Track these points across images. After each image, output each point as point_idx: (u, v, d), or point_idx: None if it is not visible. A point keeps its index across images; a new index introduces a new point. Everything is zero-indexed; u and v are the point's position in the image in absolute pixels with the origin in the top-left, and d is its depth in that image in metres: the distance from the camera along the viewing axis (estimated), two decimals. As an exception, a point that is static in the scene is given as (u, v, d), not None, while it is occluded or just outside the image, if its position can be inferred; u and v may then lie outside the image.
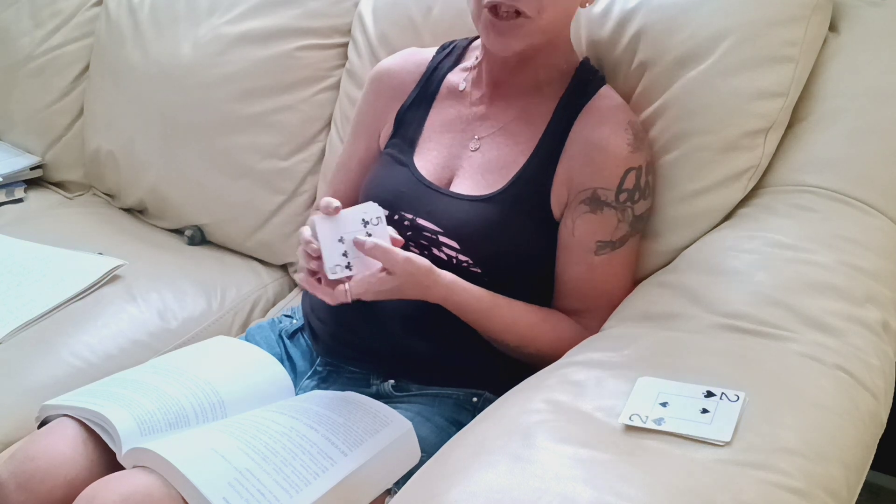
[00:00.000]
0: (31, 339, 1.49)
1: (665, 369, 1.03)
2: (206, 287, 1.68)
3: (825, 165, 1.27)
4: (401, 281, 1.13)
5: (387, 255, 1.11)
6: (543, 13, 1.18)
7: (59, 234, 1.79)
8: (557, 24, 1.24)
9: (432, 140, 1.34)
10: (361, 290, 1.12)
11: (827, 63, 1.33)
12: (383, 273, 1.12)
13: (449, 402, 1.25)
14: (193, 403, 1.17)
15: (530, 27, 1.19)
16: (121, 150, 1.90)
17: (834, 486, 0.91)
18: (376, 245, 1.11)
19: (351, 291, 1.12)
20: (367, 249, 1.11)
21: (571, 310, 1.28)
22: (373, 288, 1.13)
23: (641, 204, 1.26)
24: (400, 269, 1.12)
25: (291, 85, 1.73)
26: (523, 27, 1.19)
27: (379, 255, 1.11)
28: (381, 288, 1.13)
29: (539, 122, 1.28)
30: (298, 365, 1.34)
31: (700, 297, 1.15)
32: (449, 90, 1.36)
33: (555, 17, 1.20)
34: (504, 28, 1.19)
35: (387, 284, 1.13)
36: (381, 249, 1.11)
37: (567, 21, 1.27)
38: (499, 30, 1.20)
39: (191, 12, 1.82)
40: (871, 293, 1.13)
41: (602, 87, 1.30)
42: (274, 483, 1.01)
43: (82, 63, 2.01)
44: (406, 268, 1.13)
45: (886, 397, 1.08)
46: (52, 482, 1.08)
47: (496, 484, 0.89)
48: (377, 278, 1.12)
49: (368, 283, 1.12)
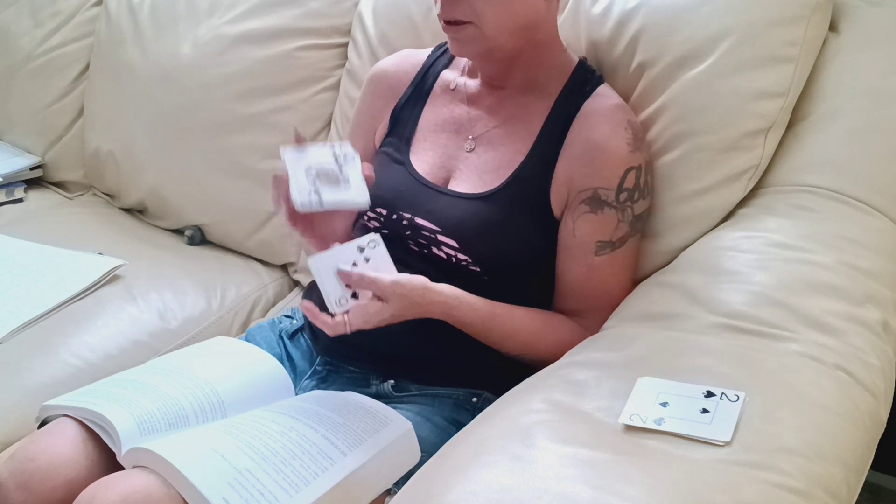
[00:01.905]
0: (31, 339, 1.49)
1: (665, 369, 1.04)
2: (206, 287, 1.68)
3: (825, 165, 1.27)
4: (397, 306, 1.14)
5: (373, 284, 1.12)
6: (483, 17, 1.19)
7: (59, 234, 1.79)
8: (511, 25, 1.22)
9: (428, 139, 1.34)
10: (361, 321, 1.14)
11: (827, 63, 1.33)
12: (376, 301, 1.13)
13: (449, 402, 1.25)
14: (193, 403, 1.17)
15: (476, 32, 1.21)
16: (121, 150, 1.90)
17: (834, 486, 0.91)
18: (362, 276, 1.12)
19: (350, 323, 1.13)
20: (354, 281, 1.12)
21: (571, 310, 1.28)
22: (372, 319, 1.14)
23: (641, 203, 1.26)
24: (390, 293, 1.13)
25: (291, 85, 1.73)
26: (469, 32, 1.21)
27: (366, 286, 1.12)
28: (381, 317, 1.14)
29: (535, 120, 1.28)
30: (298, 365, 1.34)
31: (700, 297, 1.15)
32: (443, 88, 1.36)
33: (499, 20, 1.20)
34: (456, 36, 1.23)
35: (385, 313, 1.14)
36: (367, 280, 1.12)
37: (529, 20, 1.24)
38: (452, 37, 1.24)
39: (191, 12, 1.82)
40: (871, 293, 1.13)
41: (600, 86, 1.30)
42: (273, 483, 1.01)
43: (82, 63, 2.01)
44: (396, 291, 1.13)
45: (886, 397, 1.08)
46: (52, 482, 1.08)
47: (496, 484, 0.89)
48: (374, 308, 1.13)
49: (367, 313, 1.13)
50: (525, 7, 1.22)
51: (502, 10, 1.20)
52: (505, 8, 1.20)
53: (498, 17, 1.20)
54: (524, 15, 1.22)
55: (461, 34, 1.22)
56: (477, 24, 1.20)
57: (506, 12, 1.20)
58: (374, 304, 1.13)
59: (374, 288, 1.12)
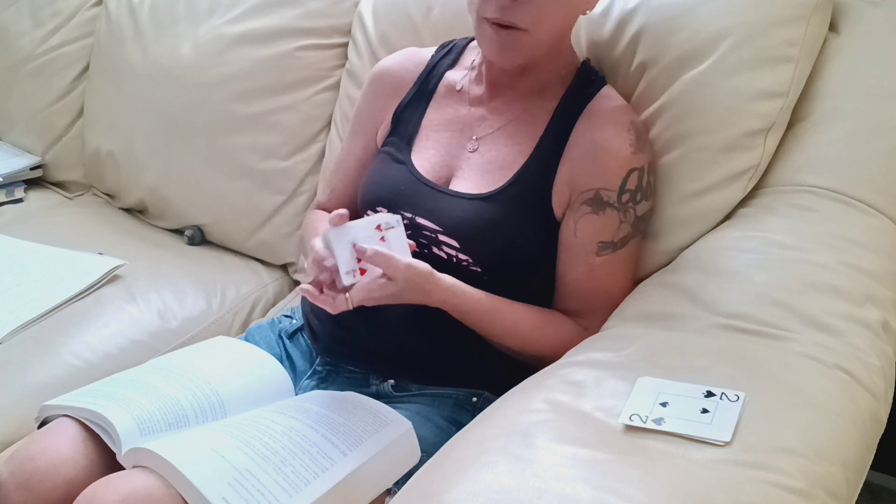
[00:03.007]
0: (31, 339, 1.49)
1: (665, 369, 1.04)
2: (206, 287, 1.68)
3: (825, 165, 1.27)
4: (401, 286, 1.13)
5: (388, 263, 1.11)
6: (541, 26, 1.18)
7: (59, 234, 1.79)
8: (557, 35, 1.23)
9: (430, 139, 1.34)
10: (362, 296, 1.13)
11: (827, 63, 1.33)
12: (384, 279, 1.13)
13: (448, 401, 1.25)
14: (193, 403, 1.17)
15: (529, 40, 1.19)
16: (121, 150, 1.90)
17: (834, 486, 0.91)
18: (377, 252, 1.11)
19: (352, 299, 1.12)
20: (369, 257, 1.11)
21: (572, 310, 1.28)
22: (373, 294, 1.13)
23: (643, 205, 1.26)
24: (401, 275, 1.13)
25: (291, 85, 1.73)
26: (521, 40, 1.19)
27: (381, 263, 1.11)
28: (382, 294, 1.13)
29: (539, 122, 1.28)
30: (298, 365, 1.34)
31: (700, 297, 1.15)
32: (447, 89, 1.36)
33: (553, 28, 1.20)
34: (505, 43, 1.19)
35: (387, 290, 1.13)
36: (383, 257, 1.11)
37: (568, 30, 1.27)
38: (499, 44, 1.20)
39: (191, 12, 1.82)
40: (871, 293, 1.13)
41: (603, 88, 1.30)
42: (273, 483, 1.01)
43: (82, 63, 2.01)
44: (407, 274, 1.13)
45: (886, 397, 1.08)
46: (52, 482, 1.08)
47: (496, 484, 0.89)
48: (378, 284, 1.13)
49: (369, 289, 1.12)
50: (573, 18, 1.23)
51: (559, 18, 1.19)
52: (562, 17, 1.20)
53: (554, 26, 1.19)
54: (568, 26, 1.23)
55: (512, 40, 1.19)
56: (531, 32, 1.18)
57: (560, 23, 1.20)
58: (378, 280, 1.13)
59: (388, 266, 1.12)
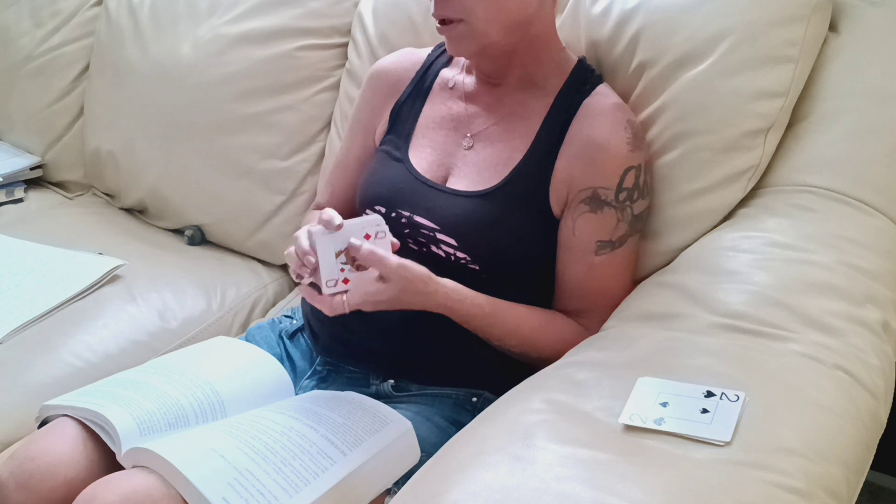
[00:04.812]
0: (31, 339, 1.49)
1: (665, 369, 1.04)
2: (206, 287, 1.68)
3: (825, 165, 1.27)
4: (398, 289, 1.13)
5: (381, 262, 1.11)
6: (474, 13, 1.20)
7: (59, 234, 1.79)
8: (503, 20, 1.22)
9: (426, 137, 1.34)
10: (359, 300, 1.12)
11: (827, 63, 1.33)
12: (379, 282, 1.12)
13: (448, 401, 1.25)
14: (193, 403, 1.17)
15: (468, 29, 1.21)
16: (121, 150, 1.90)
17: (834, 486, 0.91)
18: (371, 251, 1.11)
19: (349, 302, 1.12)
20: (363, 255, 1.11)
21: (571, 310, 1.28)
22: (370, 298, 1.13)
23: (640, 203, 1.26)
24: (395, 275, 1.12)
25: (291, 85, 1.73)
26: (461, 30, 1.22)
27: (373, 262, 1.11)
28: (379, 298, 1.13)
29: (534, 118, 1.28)
30: (298, 365, 1.34)
31: (700, 297, 1.15)
32: (442, 86, 1.37)
33: (490, 15, 1.20)
34: (450, 36, 1.24)
35: (384, 294, 1.13)
36: (376, 256, 1.11)
37: (521, 16, 1.23)
38: (448, 38, 1.25)
39: (191, 12, 1.82)
40: (871, 293, 1.13)
41: (599, 85, 1.30)
42: (273, 483, 1.01)
43: (82, 63, 2.01)
44: (401, 273, 1.13)
45: (886, 397, 1.08)
46: (52, 482, 1.08)
47: (496, 484, 0.89)
48: (374, 288, 1.12)
49: (366, 292, 1.12)
50: (515, 2, 1.22)
51: (491, 5, 1.20)
52: (494, 3, 1.20)
53: (488, 13, 1.20)
54: (515, 10, 1.22)
55: (454, 32, 1.23)
56: (468, 20, 1.20)
57: (495, 7, 1.21)
58: (374, 283, 1.12)
59: (380, 266, 1.11)
